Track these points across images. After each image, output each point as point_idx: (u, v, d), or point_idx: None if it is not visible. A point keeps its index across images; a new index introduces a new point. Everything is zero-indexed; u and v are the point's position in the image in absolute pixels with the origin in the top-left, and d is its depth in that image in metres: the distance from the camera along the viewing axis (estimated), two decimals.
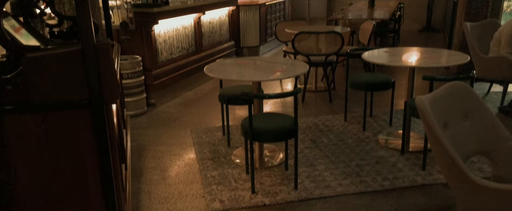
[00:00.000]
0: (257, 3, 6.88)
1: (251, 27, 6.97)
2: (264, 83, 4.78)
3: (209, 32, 5.79)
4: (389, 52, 3.75)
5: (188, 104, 4.69)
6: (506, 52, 3.79)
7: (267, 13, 7.36)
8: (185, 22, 5.14)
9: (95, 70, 1.65)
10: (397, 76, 5.31)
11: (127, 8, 4.33)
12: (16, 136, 1.67)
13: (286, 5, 8.44)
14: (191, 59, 5.29)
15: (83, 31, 1.59)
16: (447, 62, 3.48)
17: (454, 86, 2.08)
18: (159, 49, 4.64)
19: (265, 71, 3.20)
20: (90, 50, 1.61)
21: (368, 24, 5.02)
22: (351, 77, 3.86)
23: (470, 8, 4.59)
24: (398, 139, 3.49)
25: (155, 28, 4.47)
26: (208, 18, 5.69)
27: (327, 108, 4.48)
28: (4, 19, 1.69)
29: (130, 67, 4.15)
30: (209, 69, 3.15)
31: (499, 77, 4.04)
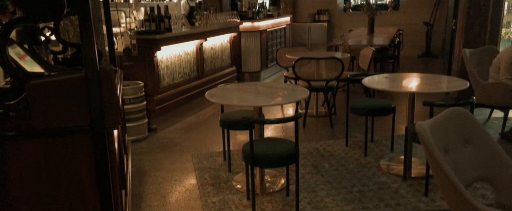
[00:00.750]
0: (258, 29, 6.99)
1: (252, 53, 7.05)
2: (265, 108, 4.80)
3: (211, 58, 5.86)
4: (389, 78, 3.79)
5: (189, 129, 4.70)
6: (505, 78, 3.82)
7: (268, 39, 7.47)
8: (187, 48, 5.21)
9: (97, 97, 1.67)
10: (398, 101, 5.33)
11: (131, 35, 4.40)
12: (16, 162, 1.68)
13: (286, 31, 8.57)
14: (193, 85, 5.33)
15: (87, 58, 1.62)
16: (447, 88, 3.50)
17: (454, 112, 2.09)
18: (161, 74, 4.68)
19: (266, 96, 3.23)
20: (93, 77, 1.64)
21: (367, 50, 5.08)
22: (351, 102, 3.88)
23: (468, 35, 4.66)
24: (400, 164, 3.47)
25: (157, 54, 4.53)
26: (210, 44, 5.78)
27: (328, 133, 4.47)
28: (9, 47, 1.72)
29: (132, 93, 4.18)
30: (211, 94, 3.17)
31: (499, 103, 4.05)
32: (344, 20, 10.23)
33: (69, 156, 1.74)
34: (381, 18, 8.55)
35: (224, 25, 6.00)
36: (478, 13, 4.58)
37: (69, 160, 1.75)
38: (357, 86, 5.30)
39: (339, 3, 10.30)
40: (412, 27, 9.53)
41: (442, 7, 9.13)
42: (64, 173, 1.74)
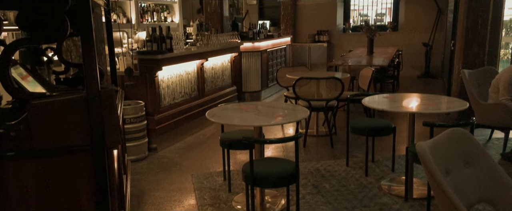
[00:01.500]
0: (259, 49, 7.06)
1: (252, 72, 7.10)
2: (266, 128, 4.79)
3: (212, 77, 5.89)
4: (389, 98, 3.80)
5: (189, 149, 4.68)
6: (505, 98, 3.83)
7: (268, 59, 7.53)
8: (188, 68, 5.25)
9: (98, 117, 1.68)
10: (398, 121, 5.33)
11: (132, 55, 4.45)
12: (15, 181, 1.67)
13: (287, 51, 8.65)
14: (194, 104, 5.35)
15: (89, 79, 1.63)
16: (447, 108, 3.51)
17: (454, 132, 2.09)
18: (162, 94, 4.70)
19: (267, 116, 3.23)
20: (95, 97, 1.65)
21: (367, 70, 5.12)
22: (352, 122, 3.88)
23: (467, 56, 4.70)
24: (401, 185, 3.45)
25: (158, 74, 4.56)
26: (211, 64, 5.82)
27: (328, 152, 4.46)
28: (12, 68, 1.74)
29: (133, 112, 4.19)
30: (211, 114, 3.18)
31: (499, 124, 4.05)
32: (343, 41, 10.33)
33: (68, 175, 1.74)
34: (380, 38, 8.64)
35: (225, 45, 6.06)
36: (476, 34, 4.63)
37: (69, 179, 1.74)
38: (357, 105, 5.31)
39: (338, 24, 10.43)
40: (411, 47, 9.62)
41: (440, 28, 9.23)
42: (64, 193, 1.73)
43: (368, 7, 10.53)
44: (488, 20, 4.64)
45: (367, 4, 10.49)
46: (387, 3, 10.30)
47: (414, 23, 9.65)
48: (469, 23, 4.63)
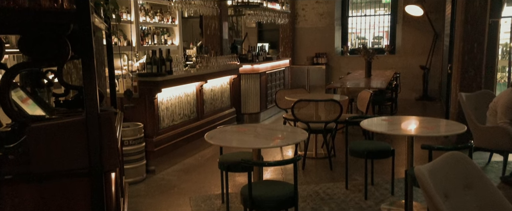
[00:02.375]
0: (258, 71, 7.11)
1: (251, 94, 7.13)
2: (265, 150, 4.78)
3: (211, 99, 5.92)
4: (387, 121, 3.81)
5: (187, 171, 4.65)
6: (503, 122, 3.84)
7: (267, 81, 7.58)
8: (188, 90, 5.28)
9: (97, 140, 1.68)
10: (397, 143, 5.32)
11: (132, 77, 4.48)
12: (12, 205, 1.65)
13: (286, 73, 8.72)
14: (192, 126, 5.35)
15: (88, 101, 1.64)
16: (445, 131, 3.52)
17: (452, 156, 2.09)
18: (161, 116, 4.71)
19: (265, 138, 3.23)
20: (94, 120, 1.65)
21: (365, 93, 5.15)
22: (351, 144, 3.88)
23: (464, 79, 4.74)
24: (401, 208, 3.41)
25: (158, 95, 4.58)
26: (210, 86, 5.86)
27: (327, 175, 4.43)
28: (13, 91, 1.76)
29: (131, 134, 4.19)
30: (210, 136, 3.18)
31: (498, 147, 4.05)
32: (342, 63, 10.42)
33: (66, 199, 1.72)
34: (378, 61, 8.72)
35: (224, 67, 6.12)
36: (472, 58, 4.69)
37: (66, 203, 1.72)
38: (356, 127, 5.30)
39: (336, 46, 10.55)
40: (408, 70, 9.70)
41: (437, 51, 9.34)
42: None
43: (365, 30, 10.68)
44: (484, 44, 4.71)
45: (365, 27, 10.65)
46: (384, 26, 10.46)
47: (411, 46, 9.77)
48: (465, 47, 4.70)
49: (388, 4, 10.30)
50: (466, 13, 4.61)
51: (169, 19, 6.70)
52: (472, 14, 4.60)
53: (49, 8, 1.62)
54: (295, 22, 10.67)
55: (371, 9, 10.52)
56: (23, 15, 1.56)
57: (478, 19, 4.58)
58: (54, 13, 1.62)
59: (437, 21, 9.20)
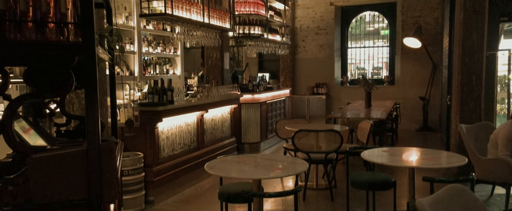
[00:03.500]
0: (258, 101, 7.15)
1: (252, 124, 7.14)
2: (265, 180, 4.74)
3: (211, 129, 5.92)
4: (388, 152, 3.80)
5: (187, 201, 4.59)
6: (504, 154, 3.83)
7: (267, 111, 7.60)
8: (188, 119, 5.29)
9: (97, 171, 1.68)
10: (398, 175, 5.28)
11: (133, 107, 4.50)
12: None
13: (286, 103, 8.76)
14: (192, 155, 5.32)
15: (90, 132, 1.65)
16: (447, 163, 3.51)
17: (454, 189, 2.07)
18: (161, 145, 4.70)
19: (266, 168, 3.22)
20: (95, 151, 1.66)
21: (365, 123, 5.15)
22: (351, 175, 3.85)
23: (464, 111, 4.76)
24: None
25: (159, 125, 4.59)
26: (211, 116, 5.88)
27: (328, 207, 4.37)
28: (15, 121, 1.77)
29: (131, 164, 4.17)
30: (210, 166, 3.16)
31: (500, 180, 4.01)
32: (341, 93, 10.49)
33: None
34: (377, 92, 8.79)
35: (225, 97, 6.16)
36: (471, 90, 4.73)
37: None
38: (357, 158, 5.28)
39: (336, 77, 10.66)
40: (408, 101, 9.75)
41: (436, 83, 9.42)
42: None
43: (365, 61, 10.82)
44: (482, 76, 4.76)
45: (364, 58, 10.79)
46: (383, 57, 10.60)
47: (410, 77, 9.87)
48: (463, 79, 4.75)
49: (387, 36, 10.49)
50: (463, 46, 4.69)
51: (171, 50, 6.81)
52: (469, 47, 4.68)
53: (56, 41, 1.66)
54: (296, 53, 10.83)
55: (369, 41, 10.70)
56: (30, 48, 1.60)
57: (475, 52, 4.66)
58: (60, 46, 1.66)
59: (435, 53, 9.34)
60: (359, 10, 10.56)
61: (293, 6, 10.61)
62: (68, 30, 1.69)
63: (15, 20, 1.59)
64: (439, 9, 9.38)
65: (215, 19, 5.97)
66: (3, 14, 1.57)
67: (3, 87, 1.71)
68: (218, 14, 6.05)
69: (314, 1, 10.49)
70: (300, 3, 10.67)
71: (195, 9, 5.41)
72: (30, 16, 1.62)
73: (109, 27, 2.74)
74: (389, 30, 10.37)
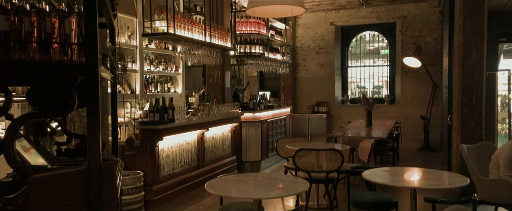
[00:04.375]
0: (259, 119, 7.15)
1: (253, 142, 7.13)
2: (265, 200, 4.69)
3: (212, 147, 5.91)
4: (389, 172, 3.78)
5: None
6: (505, 174, 3.80)
7: (268, 129, 7.60)
8: (189, 137, 5.29)
9: (97, 190, 1.67)
10: (400, 194, 5.23)
11: (134, 125, 4.51)
12: None
13: (287, 121, 8.76)
14: (193, 174, 5.30)
15: (91, 152, 1.66)
16: (448, 184, 3.49)
17: (456, 210, 2.06)
18: (161, 164, 4.68)
19: (266, 188, 3.20)
20: (95, 171, 1.66)
21: (366, 142, 5.14)
22: (353, 195, 3.82)
23: (465, 131, 4.75)
24: None
25: (159, 143, 4.59)
26: (211, 134, 5.87)
27: None
28: (17, 140, 1.77)
29: (131, 183, 4.14)
30: (210, 185, 3.14)
31: (502, 201, 3.97)
32: (342, 112, 10.50)
33: None
34: (378, 111, 8.80)
35: (226, 115, 6.17)
36: (472, 110, 4.73)
37: None
38: (358, 177, 5.24)
39: (337, 95, 10.68)
40: (409, 120, 9.74)
41: (437, 102, 9.43)
42: None
43: (365, 80, 10.86)
44: (482, 96, 4.77)
45: (364, 77, 10.85)
46: (383, 76, 10.65)
47: (410, 96, 9.89)
48: (464, 99, 4.75)
49: (387, 55, 10.57)
50: (463, 66, 4.72)
51: (172, 68, 6.86)
52: (469, 67, 4.70)
53: (59, 61, 1.68)
54: (296, 72, 10.89)
55: (370, 60, 10.77)
56: (33, 68, 1.61)
57: (475, 72, 4.68)
58: (64, 66, 1.68)
59: (435, 72, 9.38)
60: (359, 30, 10.67)
61: (294, 25, 10.73)
62: (72, 50, 1.71)
63: (19, 40, 1.61)
64: (438, 30, 9.47)
65: (217, 38, 6.03)
66: (8, 34, 1.59)
67: (6, 106, 1.72)
68: (220, 34, 6.12)
69: (315, 21, 10.62)
70: (300, 23, 10.79)
71: (197, 28, 5.47)
72: (35, 36, 1.65)
73: (112, 46, 2.77)
74: (389, 49, 10.45)
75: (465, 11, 4.66)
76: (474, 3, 4.64)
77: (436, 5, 9.52)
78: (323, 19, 10.53)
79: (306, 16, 10.59)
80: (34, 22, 1.64)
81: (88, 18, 1.65)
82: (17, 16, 1.60)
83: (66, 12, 1.72)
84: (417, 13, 9.72)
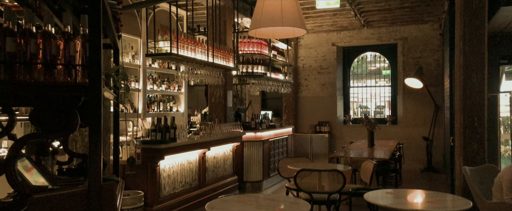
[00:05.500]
0: (261, 139, 7.14)
1: (254, 162, 7.10)
2: None
3: (213, 167, 5.88)
4: (392, 194, 3.75)
5: None
6: (509, 198, 3.76)
7: (270, 149, 7.57)
8: (190, 157, 5.28)
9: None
10: None
11: (136, 144, 4.51)
12: None
13: (288, 141, 8.74)
14: (194, 194, 5.26)
15: (92, 173, 1.66)
16: (452, 207, 3.45)
17: None
18: (162, 184, 4.66)
19: (267, 209, 3.17)
20: (95, 192, 1.66)
21: (368, 163, 5.11)
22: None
23: (467, 153, 4.73)
24: None
25: (160, 163, 4.58)
26: (213, 153, 5.86)
27: None
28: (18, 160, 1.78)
29: (131, 203, 4.12)
30: (211, 206, 3.12)
31: None
32: (344, 132, 10.48)
33: None
34: (380, 131, 8.77)
35: (228, 135, 6.16)
36: (474, 132, 4.72)
37: None
38: (360, 199, 5.18)
39: (339, 115, 10.68)
40: (411, 141, 9.71)
41: (439, 123, 9.41)
42: None
43: (367, 100, 10.88)
44: (484, 118, 4.76)
45: (366, 97, 10.87)
46: (385, 96, 10.67)
47: (413, 117, 9.88)
48: (466, 121, 4.74)
49: (388, 75, 10.61)
50: (464, 88, 4.73)
51: (175, 87, 6.90)
52: (470, 89, 4.71)
53: (64, 82, 1.70)
54: (298, 91, 10.93)
55: (372, 80, 10.82)
56: (38, 89, 1.63)
57: (476, 94, 4.69)
58: (68, 87, 1.70)
59: (437, 93, 9.40)
60: (361, 51, 10.75)
61: (296, 46, 10.84)
62: (76, 72, 1.73)
63: (25, 62, 1.63)
64: (439, 51, 9.54)
65: (219, 58, 6.09)
66: (14, 56, 1.61)
67: (9, 127, 1.73)
68: (222, 54, 6.18)
69: (316, 42, 10.72)
70: (302, 43, 10.90)
71: (200, 48, 5.53)
72: (40, 58, 1.67)
73: (116, 67, 2.80)
74: (391, 70, 10.50)
75: (465, 33, 4.70)
76: (474, 26, 4.69)
77: (437, 27, 9.62)
78: (325, 40, 10.64)
79: (308, 37, 10.70)
80: (40, 44, 1.67)
81: (93, 40, 1.68)
82: (23, 38, 1.63)
83: (71, 34, 1.75)
84: (418, 35, 9.82)
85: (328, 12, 8.52)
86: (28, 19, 1.68)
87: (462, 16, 4.72)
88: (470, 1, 4.68)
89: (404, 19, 9.33)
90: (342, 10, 8.27)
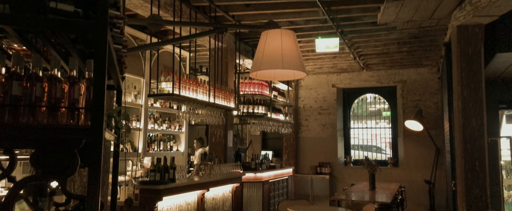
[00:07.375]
0: (261, 180, 7.07)
1: (254, 203, 6.98)
2: None
3: (212, 208, 5.78)
4: None
5: None
6: None
7: (270, 190, 7.47)
8: (189, 198, 5.20)
9: None
10: None
11: (134, 185, 4.47)
12: None
13: (289, 182, 8.63)
14: None
15: None
16: None
17: None
18: None
19: None
20: None
21: (370, 207, 5.03)
22: None
23: (469, 198, 4.67)
24: None
25: (159, 204, 4.51)
26: (212, 194, 5.78)
27: None
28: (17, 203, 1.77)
29: None
30: None
31: None
32: (345, 174, 10.37)
33: None
34: (381, 174, 8.68)
35: (227, 175, 6.11)
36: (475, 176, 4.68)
37: None
38: None
39: (340, 156, 10.62)
40: (413, 184, 9.58)
41: (441, 166, 9.33)
42: None
43: (368, 141, 10.85)
44: (485, 162, 4.74)
45: (367, 137, 10.85)
46: (385, 137, 10.65)
47: (414, 159, 9.81)
48: (467, 165, 4.72)
49: (388, 117, 10.65)
50: (463, 133, 4.75)
51: (176, 127, 6.92)
52: (469, 133, 4.73)
53: (66, 125, 1.72)
54: (299, 132, 10.93)
55: (372, 121, 10.84)
56: (41, 132, 1.65)
57: (476, 139, 4.70)
58: (70, 130, 1.71)
59: (438, 136, 9.39)
60: (361, 92, 10.87)
61: (297, 87, 10.97)
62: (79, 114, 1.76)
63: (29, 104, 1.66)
64: (439, 94, 9.64)
65: (220, 99, 6.15)
66: (19, 99, 1.65)
67: (10, 169, 1.74)
68: (224, 94, 6.26)
69: (317, 83, 10.86)
70: (303, 84, 11.03)
71: (201, 89, 5.61)
72: (45, 101, 1.70)
73: (118, 108, 2.83)
74: (391, 112, 10.56)
75: (462, 78, 4.78)
76: (471, 71, 4.78)
77: (435, 71, 9.77)
78: (325, 81, 10.78)
79: (308, 78, 10.86)
80: (45, 87, 1.71)
81: (97, 84, 1.71)
82: (30, 82, 1.68)
83: (76, 78, 1.79)
84: (417, 78, 9.96)
85: (328, 55, 8.70)
86: (36, 63, 1.73)
87: (459, 62, 4.82)
88: (466, 47, 4.80)
89: (403, 63, 9.51)
90: (342, 53, 8.45)
